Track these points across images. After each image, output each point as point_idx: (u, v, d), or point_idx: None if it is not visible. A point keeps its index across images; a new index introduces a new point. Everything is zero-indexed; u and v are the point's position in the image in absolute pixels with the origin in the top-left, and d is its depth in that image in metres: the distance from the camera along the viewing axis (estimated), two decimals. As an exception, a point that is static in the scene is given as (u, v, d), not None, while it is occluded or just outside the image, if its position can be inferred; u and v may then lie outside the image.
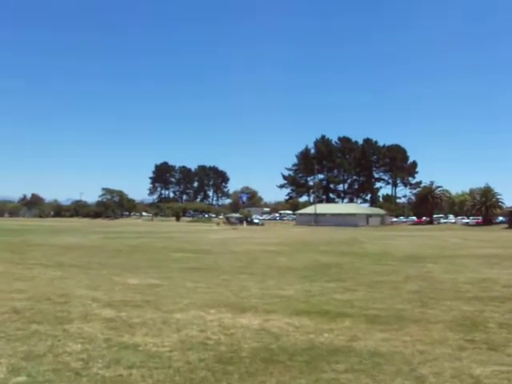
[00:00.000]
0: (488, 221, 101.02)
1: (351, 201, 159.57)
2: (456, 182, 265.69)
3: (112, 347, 7.50)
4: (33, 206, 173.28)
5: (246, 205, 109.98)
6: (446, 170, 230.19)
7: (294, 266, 20.44)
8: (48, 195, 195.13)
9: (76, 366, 6.57)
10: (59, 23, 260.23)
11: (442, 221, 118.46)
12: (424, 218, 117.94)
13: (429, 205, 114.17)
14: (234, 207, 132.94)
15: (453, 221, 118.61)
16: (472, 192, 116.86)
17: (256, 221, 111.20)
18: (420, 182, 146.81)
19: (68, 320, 9.28)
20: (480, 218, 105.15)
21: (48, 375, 6.21)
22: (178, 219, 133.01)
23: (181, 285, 14.21)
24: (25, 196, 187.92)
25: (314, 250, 29.76)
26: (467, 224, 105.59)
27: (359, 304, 11.51)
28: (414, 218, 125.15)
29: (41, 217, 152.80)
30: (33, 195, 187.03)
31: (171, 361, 6.88)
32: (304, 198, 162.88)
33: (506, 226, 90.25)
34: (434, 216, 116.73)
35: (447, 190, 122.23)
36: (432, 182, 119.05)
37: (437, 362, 6.98)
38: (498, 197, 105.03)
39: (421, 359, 7.11)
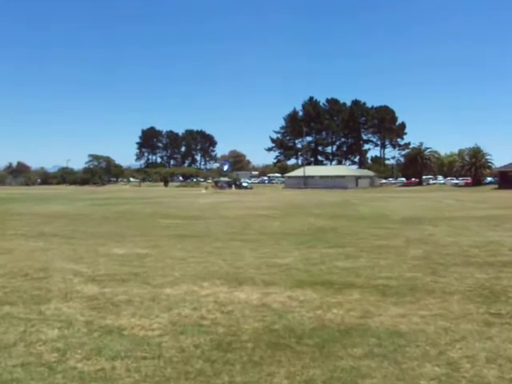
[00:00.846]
0: (477, 181, 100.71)
1: (339, 163, 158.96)
2: (445, 143, 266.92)
3: (93, 332, 6.53)
4: (19, 174, 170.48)
5: (228, 172, 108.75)
6: (434, 132, 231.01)
7: (288, 230, 19.55)
8: (34, 163, 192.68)
9: (50, 359, 5.59)
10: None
11: (431, 182, 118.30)
12: (413, 179, 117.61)
13: (418, 166, 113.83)
14: (222, 171, 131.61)
15: (442, 182, 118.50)
16: (461, 152, 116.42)
17: (245, 184, 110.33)
18: (409, 144, 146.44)
19: (45, 299, 8.29)
20: (469, 178, 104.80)
21: (16, 372, 5.23)
22: (165, 184, 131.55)
23: (170, 254, 13.24)
24: (10, 164, 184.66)
25: (306, 214, 28.89)
26: (456, 185, 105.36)
27: (364, 272, 10.62)
28: (403, 179, 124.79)
29: (27, 185, 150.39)
30: (18, 163, 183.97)
31: (161, 348, 5.92)
32: (292, 161, 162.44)
33: (496, 186, 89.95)
34: (423, 177, 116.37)
35: (436, 151, 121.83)
36: (421, 143, 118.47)
37: (466, 343, 6.09)
38: (488, 157, 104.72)
39: (447, 339, 6.22)
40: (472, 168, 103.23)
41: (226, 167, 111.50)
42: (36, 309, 7.68)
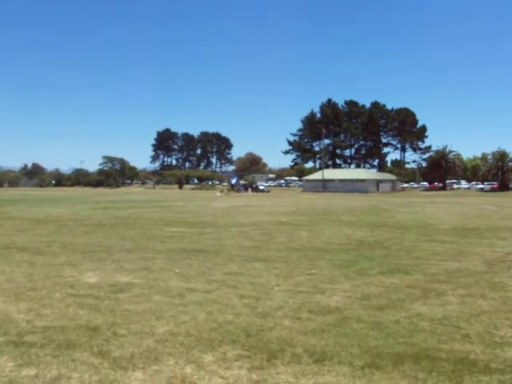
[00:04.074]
0: (505, 186, 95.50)
1: (358, 166, 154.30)
2: (466, 147, 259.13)
3: None
4: (34, 175, 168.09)
5: (236, 185, 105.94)
6: (455, 136, 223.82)
7: (322, 245, 15.34)
8: (50, 165, 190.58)
9: None
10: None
11: (455, 186, 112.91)
12: (436, 183, 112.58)
13: (442, 170, 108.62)
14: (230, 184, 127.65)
15: (466, 186, 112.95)
16: (484, 156, 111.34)
17: (261, 187, 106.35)
18: (430, 147, 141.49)
19: None
20: (495, 183, 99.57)
21: None
22: (180, 187, 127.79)
23: (162, 286, 9.05)
24: (25, 165, 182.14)
25: (336, 221, 24.61)
26: (482, 189, 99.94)
27: (473, 330, 6.40)
28: (426, 183, 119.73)
29: (41, 186, 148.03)
30: (34, 164, 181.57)
31: None
32: (310, 164, 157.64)
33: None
34: (446, 182, 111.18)
35: (460, 155, 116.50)
36: (445, 146, 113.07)
37: None
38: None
39: None
40: (499, 172, 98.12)
41: (233, 181, 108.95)
42: None
